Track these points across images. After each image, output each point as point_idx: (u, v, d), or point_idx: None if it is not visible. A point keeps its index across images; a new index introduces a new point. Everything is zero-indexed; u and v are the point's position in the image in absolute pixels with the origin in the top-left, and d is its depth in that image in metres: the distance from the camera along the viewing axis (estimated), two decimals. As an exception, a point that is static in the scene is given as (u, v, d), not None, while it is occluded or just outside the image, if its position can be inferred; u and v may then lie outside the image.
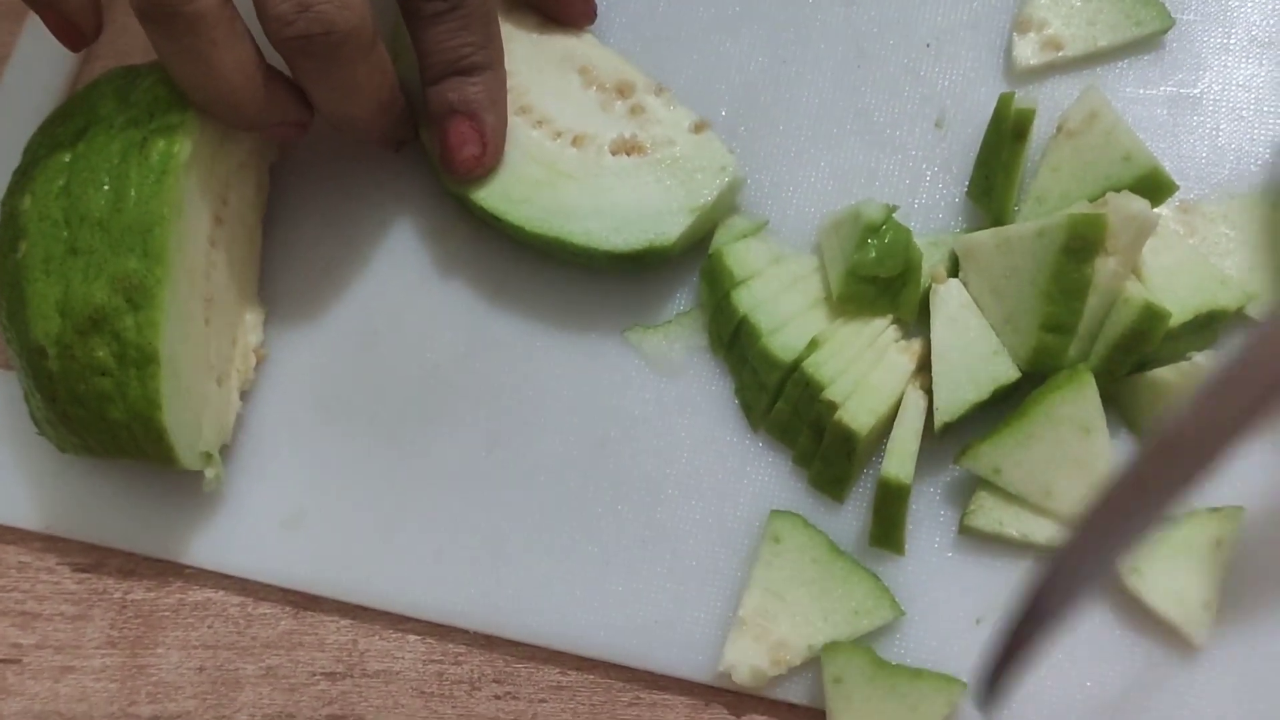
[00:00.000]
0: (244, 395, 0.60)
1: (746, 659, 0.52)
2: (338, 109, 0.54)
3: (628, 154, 0.57)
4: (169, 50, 0.50)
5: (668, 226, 0.55)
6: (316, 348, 0.61)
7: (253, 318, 0.60)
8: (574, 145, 0.58)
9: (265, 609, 0.58)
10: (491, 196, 0.57)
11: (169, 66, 0.52)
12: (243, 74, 0.51)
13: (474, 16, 0.54)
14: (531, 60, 0.59)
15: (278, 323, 0.61)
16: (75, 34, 0.54)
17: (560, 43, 0.60)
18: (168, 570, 0.59)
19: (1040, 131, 0.56)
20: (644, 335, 0.58)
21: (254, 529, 0.58)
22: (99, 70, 0.69)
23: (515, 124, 0.58)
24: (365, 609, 0.57)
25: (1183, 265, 0.53)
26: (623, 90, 0.59)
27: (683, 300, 0.59)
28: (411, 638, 0.56)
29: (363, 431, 0.59)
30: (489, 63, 0.56)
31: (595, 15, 0.61)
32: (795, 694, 0.52)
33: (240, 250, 0.60)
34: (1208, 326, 0.53)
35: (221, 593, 0.58)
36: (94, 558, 0.60)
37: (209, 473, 0.56)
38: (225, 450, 0.58)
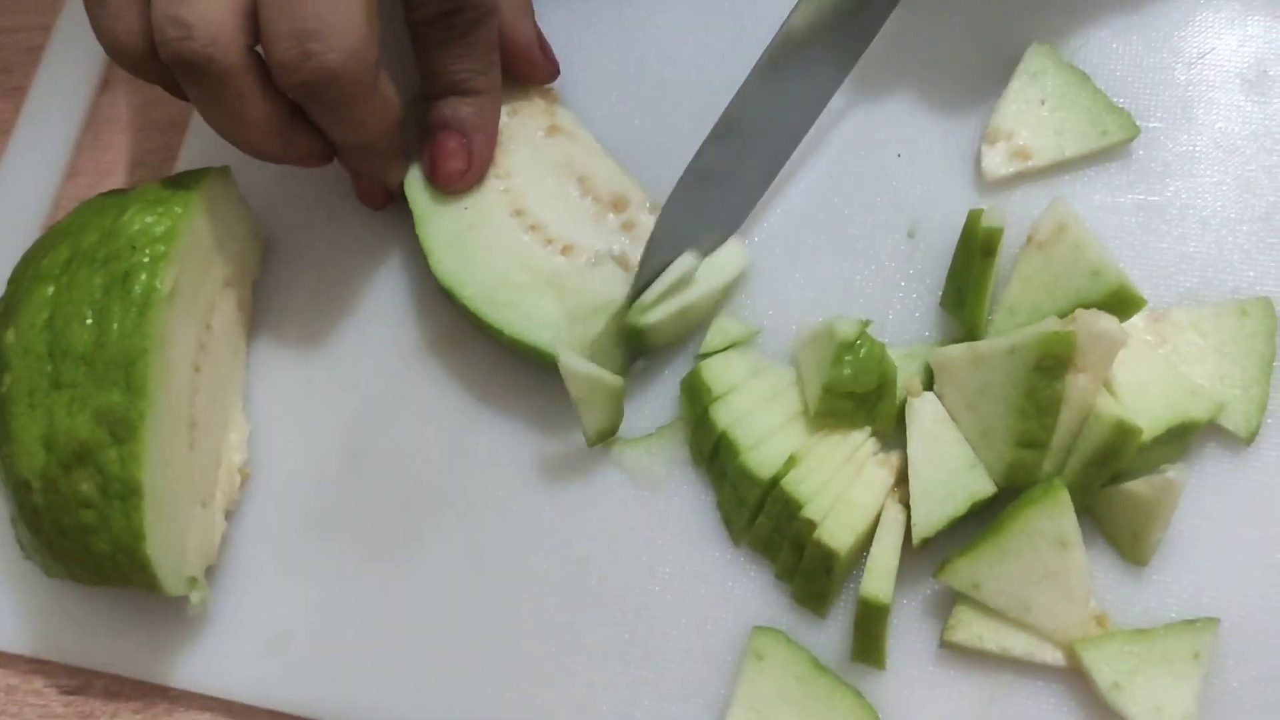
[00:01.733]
0: (228, 515, 0.60)
1: (731, 779, 0.52)
2: (348, 139, 0.56)
3: (621, 268, 0.58)
4: (198, 99, 0.53)
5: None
6: (301, 465, 0.61)
7: (237, 436, 0.61)
8: (562, 254, 0.59)
9: (252, 733, 0.58)
10: (476, 297, 0.58)
11: (200, 112, 0.54)
12: (267, 120, 0.54)
13: (476, 44, 0.57)
14: (532, 165, 0.60)
15: (262, 439, 0.62)
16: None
17: (564, 149, 0.61)
18: (154, 692, 0.59)
19: (1011, 240, 0.57)
20: (625, 449, 0.59)
21: (240, 650, 0.58)
22: (81, 186, 0.70)
23: (509, 226, 0.59)
24: (352, 731, 0.57)
25: (1153, 378, 0.54)
26: (617, 204, 0.60)
27: (662, 411, 0.59)
28: (398, 758, 0.57)
29: (348, 549, 0.59)
30: (486, 88, 0.59)
31: (558, 72, 0.63)
32: (781, 813, 0.53)
33: (224, 370, 0.60)
34: (1179, 438, 0.54)
35: (208, 715, 0.59)
36: (80, 680, 0.60)
37: (194, 597, 0.56)
38: (211, 570, 0.59)
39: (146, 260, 0.54)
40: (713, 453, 0.57)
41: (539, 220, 0.60)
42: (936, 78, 0.62)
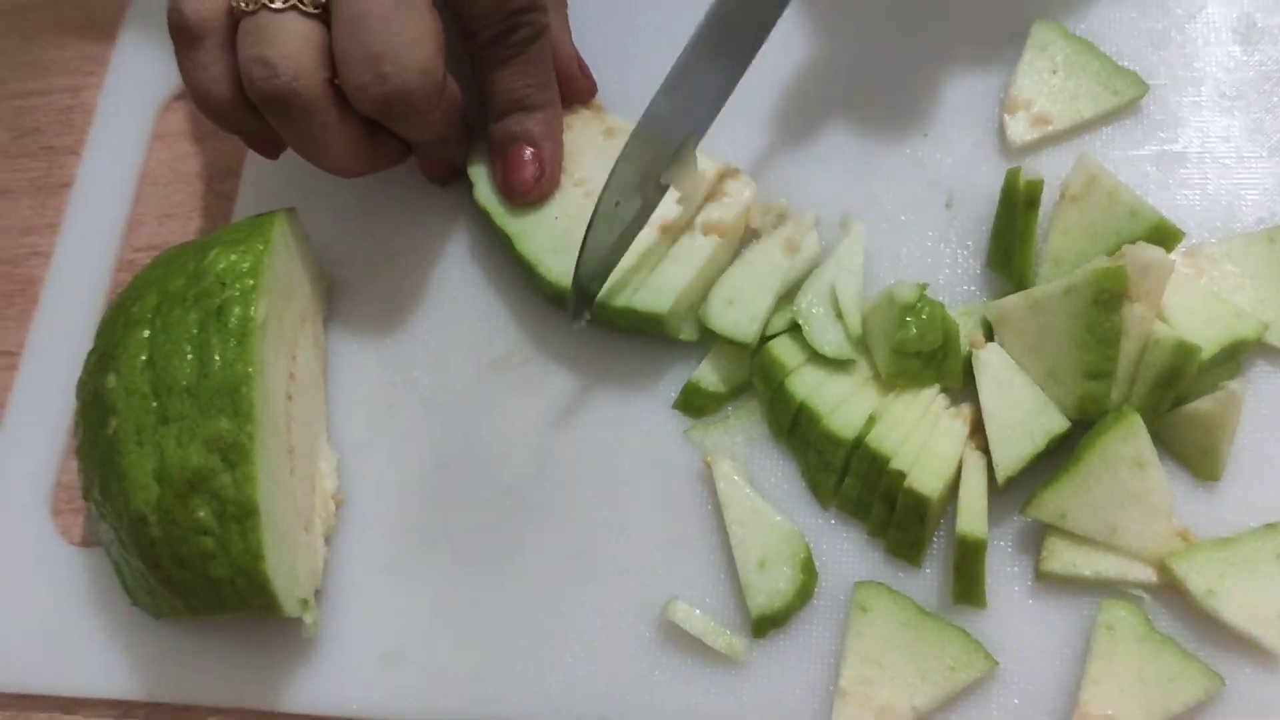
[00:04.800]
0: (327, 540, 0.62)
1: (855, 727, 0.54)
2: (422, 138, 0.61)
3: (717, 234, 0.61)
4: (287, 132, 0.57)
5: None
6: (390, 486, 0.63)
7: (326, 465, 0.63)
8: (661, 231, 0.62)
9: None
10: (609, 292, 0.60)
11: (289, 144, 0.58)
12: (349, 143, 0.58)
13: (534, 61, 0.61)
14: (603, 165, 0.63)
15: (349, 467, 0.64)
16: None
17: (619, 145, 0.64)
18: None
19: (1043, 200, 0.60)
20: (705, 433, 0.61)
21: (355, 669, 0.60)
22: (145, 235, 0.73)
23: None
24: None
25: (1200, 304, 0.57)
26: None
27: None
28: (523, 754, 0.58)
29: (449, 560, 0.61)
30: (548, 101, 0.63)
31: (595, 89, 0.67)
32: (905, 755, 0.54)
33: (310, 401, 0.62)
34: (1231, 358, 0.57)
35: (329, 736, 0.60)
36: (183, 717, 0.61)
37: (307, 618, 0.58)
38: (317, 595, 0.60)
39: (238, 293, 0.57)
40: (793, 424, 0.59)
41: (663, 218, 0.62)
42: (948, 60, 0.66)
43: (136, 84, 0.76)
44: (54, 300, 0.71)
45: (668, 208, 0.61)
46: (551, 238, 0.62)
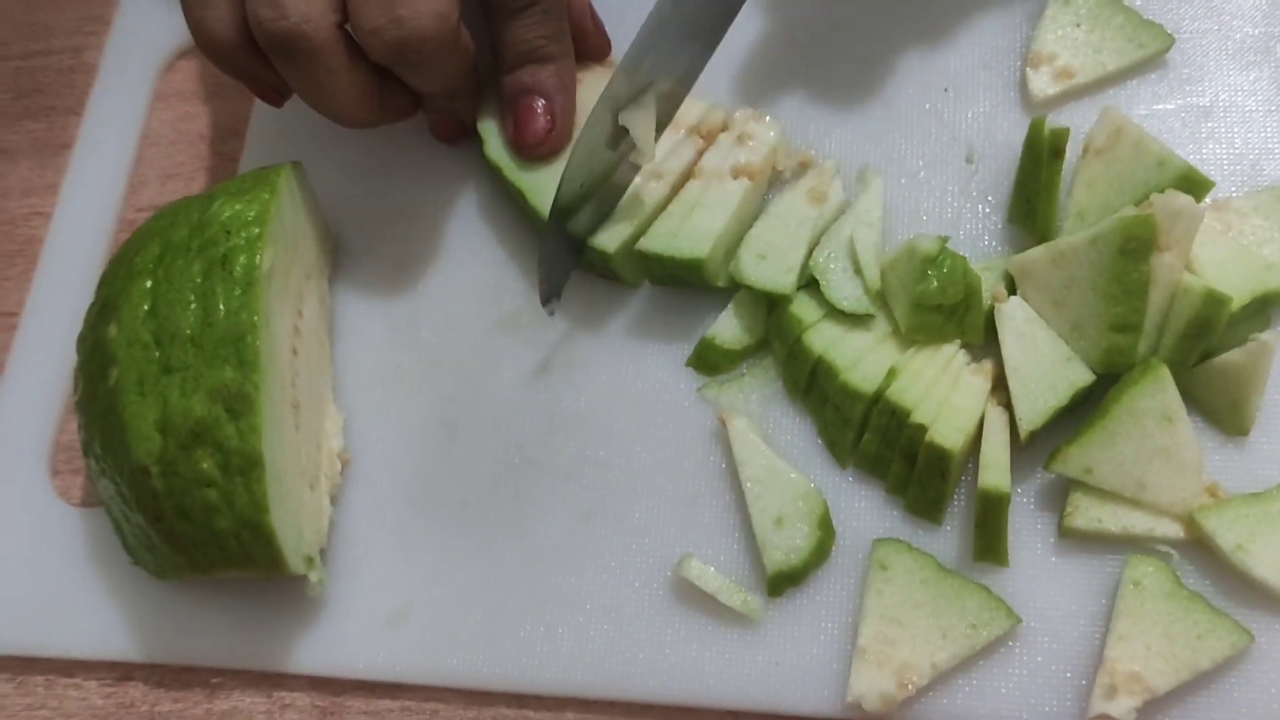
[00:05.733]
0: (333, 499, 0.60)
1: (874, 686, 0.52)
2: (434, 89, 0.60)
3: (748, 177, 0.60)
4: (293, 77, 0.55)
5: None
6: (398, 446, 0.62)
7: (332, 424, 0.61)
8: (696, 178, 0.61)
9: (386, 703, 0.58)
10: (647, 239, 0.59)
11: (295, 90, 0.57)
12: (357, 91, 0.56)
13: (550, 13, 0.60)
14: None
15: (355, 427, 0.62)
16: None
17: None
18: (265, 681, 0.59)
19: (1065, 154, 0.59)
20: (720, 390, 0.60)
21: (360, 629, 0.58)
22: (147, 196, 0.72)
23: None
24: (487, 693, 0.57)
25: (1228, 256, 0.56)
26: (709, 128, 0.62)
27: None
28: (531, 714, 0.56)
29: (456, 520, 0.60)
30: (561, 54, 0.61)
31: (610, 47, 0.66)
32: (928, 715, 0.53)
33: (315, 358, 0.61)
34: (1260, 310, 0.56)
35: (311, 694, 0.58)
36: (184, 679, 0.60)
37: (313, 576, 0.56)
38: (322, 554, 0.59)
39: (243, 242, 0.55)
40: (809, 380, 0.58)
41: (656, 168, 0.61)
42: (970, 14, 0.65)
43: (138, 44, 0.75)
44: (54, 261, 0.70)
45: (672, 160, 0.60)
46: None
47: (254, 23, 0.53)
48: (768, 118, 0.62)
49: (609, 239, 0.60)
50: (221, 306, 0.54)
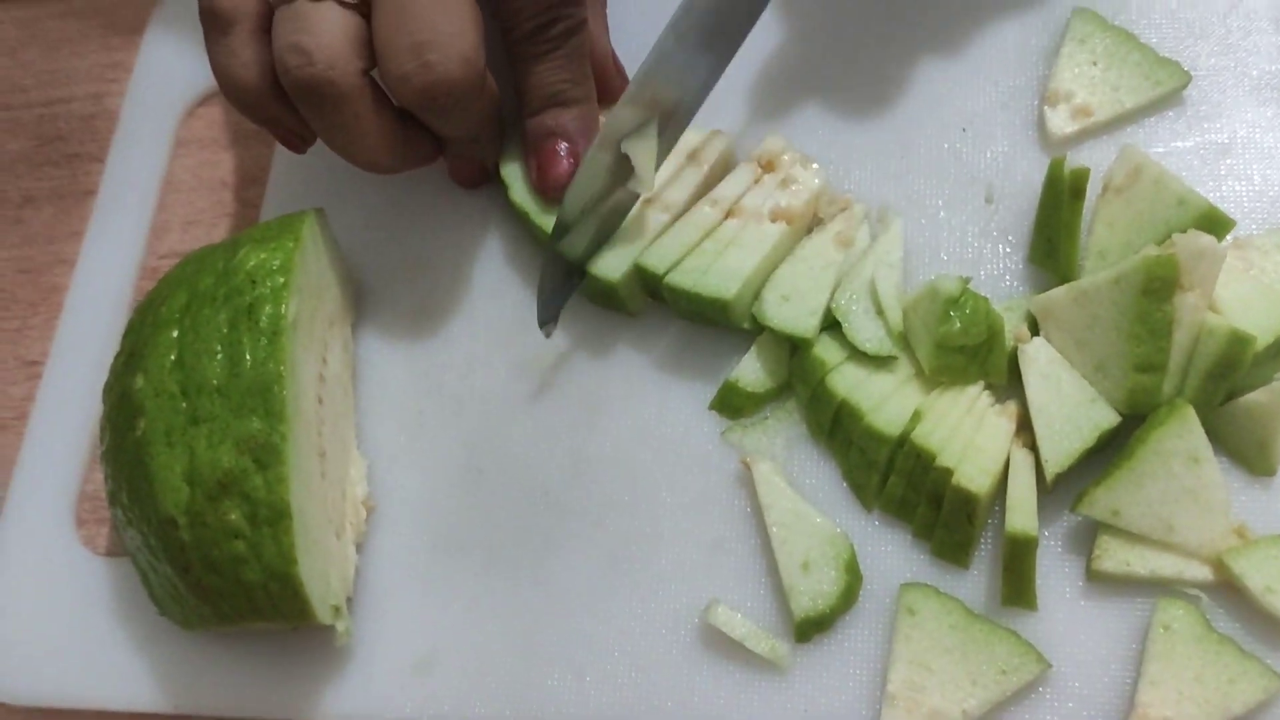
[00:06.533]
0: (358, 548, 0.60)
1: (904, 732, 0.52)
2: (458, 133, 0.60)
3: (788, 223, 0.60)
4: (319, 123, 0.56)
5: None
6: (421, 492, 0.62)
7: (356, 471, 0.62)
8: (730, 216, 0.61)
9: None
10: (677, 274, 0.60)
11: (321, 136, 0.57)
12: (382, 136, 0.57)
13: (572, 57, 0.60)
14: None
15: (379, 473, 0.62)
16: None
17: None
18: (303, 732, 0.59)
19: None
20: (744, 434, 0.60)
21: (388, 677, 0.58)
22: (170, 242, 0.72)
23: (648, 213, 0.61)
24: (514, 740, 0.57)
25: (1251, 295, 0.56)
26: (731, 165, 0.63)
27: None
28: (561, 763, 0.56)
29: (482, 565, 0.60)
30: (584, 97, 0.61)
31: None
32: (957, 761, 0.53)
33: (340, 405, 0.61)
34: (1285, 350, 0.56)
35: (361, 747, 0.58)
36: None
37: (339, 626, 0.56)
38: (348, 602, 0.59)
39: (269, 291, 0.56)
40: (833, 423, 0.58)
41: (668, 201, 0.62)
42: (985, 54, 0.65)
43: (159, 90, 0.76)
44: (79, 309, 0.70)
45: (679, 190, 0.61)
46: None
47: (281, 69, 0.54)
48: (814, 164, 0.62)
49: (610, 266, 0.60)
50: (248, 357, 0.55)
